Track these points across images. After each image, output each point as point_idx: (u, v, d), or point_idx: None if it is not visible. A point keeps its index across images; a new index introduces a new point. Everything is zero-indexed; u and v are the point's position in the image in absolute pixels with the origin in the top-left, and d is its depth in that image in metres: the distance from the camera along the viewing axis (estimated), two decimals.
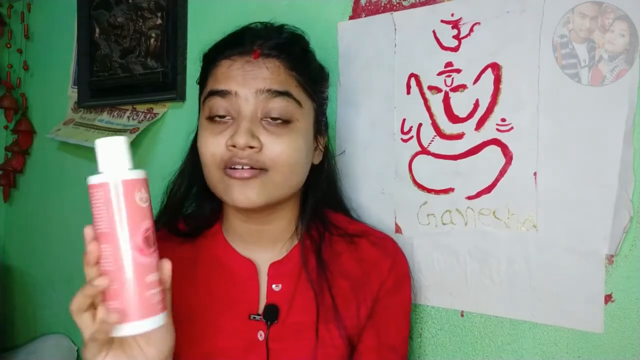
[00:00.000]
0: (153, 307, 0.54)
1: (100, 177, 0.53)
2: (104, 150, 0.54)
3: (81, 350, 0.59)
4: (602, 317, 0.72)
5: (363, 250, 0.78)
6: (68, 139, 1.39)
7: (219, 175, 0.71)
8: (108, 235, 0.53)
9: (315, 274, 0.75)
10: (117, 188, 0.53)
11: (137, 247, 0.53)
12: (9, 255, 1.63)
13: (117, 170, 0.54)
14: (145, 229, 0.54)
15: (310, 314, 0.73)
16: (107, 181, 0.53)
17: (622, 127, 0.71)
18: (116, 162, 0.54)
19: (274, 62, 0.72)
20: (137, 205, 0.53)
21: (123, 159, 0.54)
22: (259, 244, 0.77)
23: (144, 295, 0.54)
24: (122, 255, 0.53)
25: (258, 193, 0.69)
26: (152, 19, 1.24)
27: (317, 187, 0.81)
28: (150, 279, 0.54)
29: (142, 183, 0.55)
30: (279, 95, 0.70)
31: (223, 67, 0.72)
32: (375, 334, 0.77)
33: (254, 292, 0.75)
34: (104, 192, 0.53)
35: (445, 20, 0.85)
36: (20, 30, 1.58)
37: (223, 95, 0.71)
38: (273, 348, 0.72)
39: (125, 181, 0.53)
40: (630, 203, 0.71)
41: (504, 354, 0.81)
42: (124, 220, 0.53)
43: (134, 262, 0.53)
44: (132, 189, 0.53)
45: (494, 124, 0.80)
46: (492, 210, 0.81)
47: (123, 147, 0.54)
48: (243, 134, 0.68)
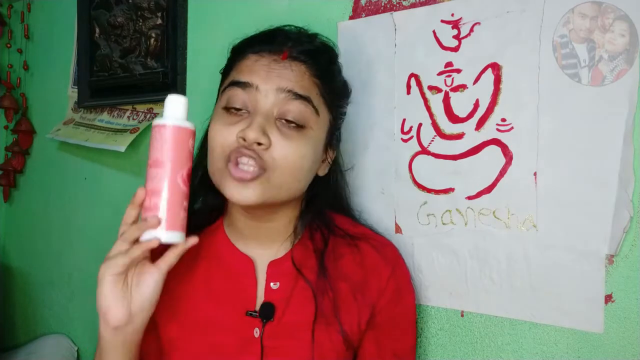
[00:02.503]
0: (183, 225, 0.67)
1: (164, 119, 0.66)
2: (170, 103, 0.67)
3: (100, 267, 0.65)
4: (602, 317, 0.72)
5: (364, 255, 0.78)
6: (68, 139, 1.39)
7: (221, 166, 0.71)
8: (161, 162, 0.65)
9: (314, 275, 0.75)
10: (175, 130, 0.66)
11: (181, 176, 0.66)
12: (9, 255, 1.63)
13: (176, 118, 0.67)
14: (188, 167, 0.67)
15: (306, 314, 0.73)
16: (168, 124, 0.66)
17: (622, 127, 0.71)
18: (177, 113, 0.67)
19: (300, 67, 0.72)
20: (187, 147, 0.67)
21: (182, 113, 0.67)
22: (259, 240, 0.78)
23: (180, 213, 0.66)
24: (169, 178, 0.65)
25: (255, 193, 0.69)
26: (152, 19, 1.24)
27: (323, 199, 0.81)
28: (185, 205, 0.67)
29: (191, 134, 0.68)
30: (299, 99, 0.70)
31: (250, 60, 0.73)
32: (378, 343, 0.77)
33: (251, 288, 0.75)
34: (164, 131, 0.66)
35: (445, 20, 0.85)
36: (20, 30, 1.58)
37: (244, 87, 0.71)
38: (268, 345, 0.73)
39: (180, 127, 0.66)
40: (630, 203, 0.71)
41: (504, 354, 0.81)
42: (176, 154, 0.66)
43: (177, 186, 0.66)
44: (185, 134, 0.67)
45: (494, 124, 0.80)
46: (492, 210, 0.81)
47: (183, 104, 0.67)
48: (255, 129, 0.68)
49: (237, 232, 0.78)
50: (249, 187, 0.69)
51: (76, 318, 1.44)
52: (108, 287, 0.64)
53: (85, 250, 1.41)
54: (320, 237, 0.78)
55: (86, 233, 1.42)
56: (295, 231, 0.79)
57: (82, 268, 1.42)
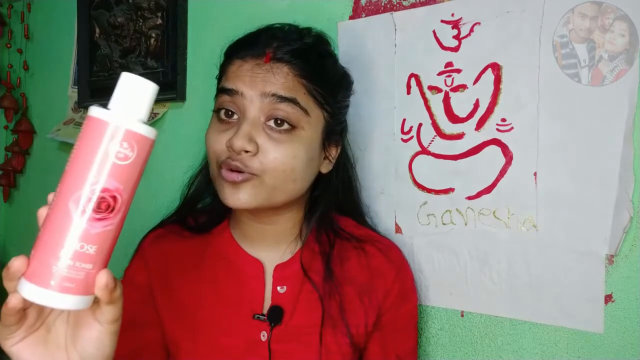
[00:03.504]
0: (79, 282, 0.44)
1: (105, 113, 0.44)
2: (126, 85, 0.46)
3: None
4: (602, 317, 0.72)
5: (370, 257, 0.78)
6: (68, 139, 1.39)
7: (216, 172, 0.71)
8: (65, 175, 0.44)
9: (320, 279, 0.75)
10: (92, 125, 0.44)
11: (84, 202, 0.43)
12: (9, 255, 1.63)
13: (128, 115, 0.45)
14: (106, 188, 0.43)
15: (313, 317, 0.73)
16: (108, 121, 0.44)
17: (622, 127, 0.71)
18: (132, 106, 0.46)
19: (283, 68, 0.70)
20: (113, 158, 0.44)
21: (142, 107, 0.46)
22: (264, 243, 0.78)
23: (72, 263, 0.43)
24: (62, 202, 0.43)
25: (249, 196, 0.69)
26: (152, 19, 1.24)
27: (327, 197, 0.80)
28: (87, 250, 0.44)
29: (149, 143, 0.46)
30: (284, 101, 0.69)
31: (234, 66, 0.73)
32: (382, 344, 0.77)
33: (259, 291, 0.75)
34: (84, 125, 0.45)
35: (445, 20, 0.85)
36: (20, 30, 1.58)
37: (230, 94, 0.71)
38: (275, 349, 0.72)
39: (128, 131, 0.44)
40: (630, 203, 0.71)
41: (504, 354, 0.81)
42: (87, 167, 0.43)
43: (72, 218, 0.43)
44: (103, 132, 0.44)
45: (494, 124, 0.80)
46: (492, 210, 0.81)
47: (149, 93, 0.46)
48: (240, 137, 0.67)
49: (243, 234, 0.78)
50: (240, 190, 0.68)
51: None
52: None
53: None
54: (326, 239, 0.78)
55: None
56: (300, 234, 0.79)
57: None
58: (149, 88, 0.46)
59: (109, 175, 0.44)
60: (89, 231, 0.44)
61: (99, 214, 0.44)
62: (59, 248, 0.43)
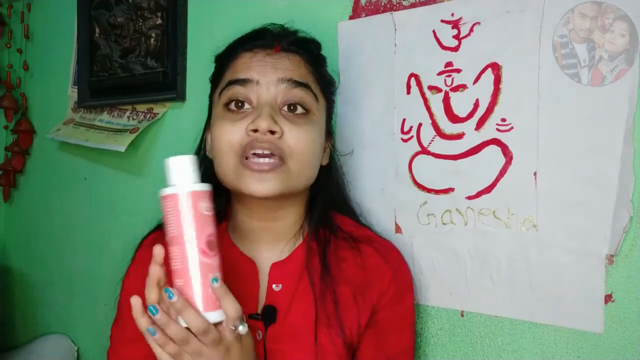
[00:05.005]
0: (215, 302, 0.60)
1: (171, 189, 0.60)
2: (174, 166, 0.61)
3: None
4: (602, 317, 0.72)
5: (366, 257, 0.78)
6: (68, 139, 1.39)
7: (235, 163, 0.71)
8: (177, 239, 0.60)
9: (317, 277, 0.75)
10: (185, 198, 0.60)
11: (201, 249, 0.59)
12: (9, 256, 1.63)
13: (185, 183, 0.61)
14: (208, 234, 0.60)
15: (308, 317, 0.73)
16: (177, 192, 0.60)
17: (622, 127, 0.71)
18: (184, 176, 0.61)
19: (294, 56, 0.75)
20: (201, 213, 0.60)
21: (190, 174, 0.61)
22: (263, 242, 0.78)
23: (207, 290, 0.59)
24: (188, 255, 0.59)
25: (275, 183, 0.70)
26: (152, 19, 1.24)
27: (326, 189, 0.81)
28: (212, 275, 0.60)
29: (206, 195, 0.61)
30: (299, 86, 0.73)
31: (244, 58, 0.74)
32: (375, 344, 0.76)
33: (253, 291, 0.75)
34: (174, 202, 0.60)
35: (445, 20, 0.85)
36: (20, 30, 1.58)
37: (244, 83, 0.72)
38: (270, 349, 0.72)
39: (192, 192, 0.60)
40: (630, 203, 0.71)
41: (504, 354, 0.81)
42: (191, 226, 0.59)
43: (199, 262, 0.59)
44: (197, 199, 0.60)
45: (494, 123, 0.80)
46: (492, 210, 0.81)
47: (190, 164, 0.61)
48: (265, 118, 0.69)
49: (241, 235, 0.79)
50: (268, 178, 0.69)
51: (76, 318, 1.44)
52: None
53: (86, 250, 1.41)
54: (323, 238, 0.78)
55: (86, 233, 1.41)
56: (300, 231, 0.79)
57: (82, 268, 1.42)
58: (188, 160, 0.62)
59: (208, 225, 0.61)
60: (213, 264, 0.61)
61: (212, 251, 0.61)
62: (201, 283, 0.60)
